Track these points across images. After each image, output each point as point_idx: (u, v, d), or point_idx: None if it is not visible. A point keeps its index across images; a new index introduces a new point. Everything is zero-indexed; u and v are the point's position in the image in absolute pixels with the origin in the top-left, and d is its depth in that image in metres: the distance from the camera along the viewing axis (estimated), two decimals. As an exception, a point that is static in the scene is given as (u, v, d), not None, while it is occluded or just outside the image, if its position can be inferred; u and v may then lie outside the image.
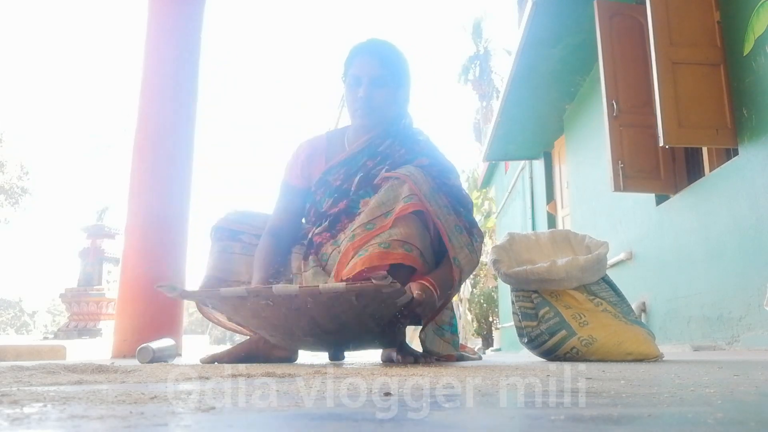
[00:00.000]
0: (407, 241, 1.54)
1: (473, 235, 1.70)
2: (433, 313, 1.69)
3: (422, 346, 1.78)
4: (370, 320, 1.43)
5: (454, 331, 1.86)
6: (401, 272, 1.60)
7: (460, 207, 1.71)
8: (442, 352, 1.79)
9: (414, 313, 1.51)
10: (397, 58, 1.85)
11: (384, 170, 1.73)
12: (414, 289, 1.49)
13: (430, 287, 1.53)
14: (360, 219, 1.61)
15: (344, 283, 1.33)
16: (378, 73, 1.79)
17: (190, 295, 1.51)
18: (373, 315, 1.41)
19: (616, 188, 3.79)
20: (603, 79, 3.85)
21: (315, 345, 1.67)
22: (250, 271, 1.79)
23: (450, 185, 1.73)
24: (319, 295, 1.31)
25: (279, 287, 1.36)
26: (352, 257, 1.54)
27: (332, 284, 1.33)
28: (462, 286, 1.80)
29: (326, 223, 1.80)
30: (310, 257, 1.78)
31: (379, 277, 1.29)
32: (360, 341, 1.68)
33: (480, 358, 2.21)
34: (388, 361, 1.73)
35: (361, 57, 1.82)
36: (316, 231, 1.81)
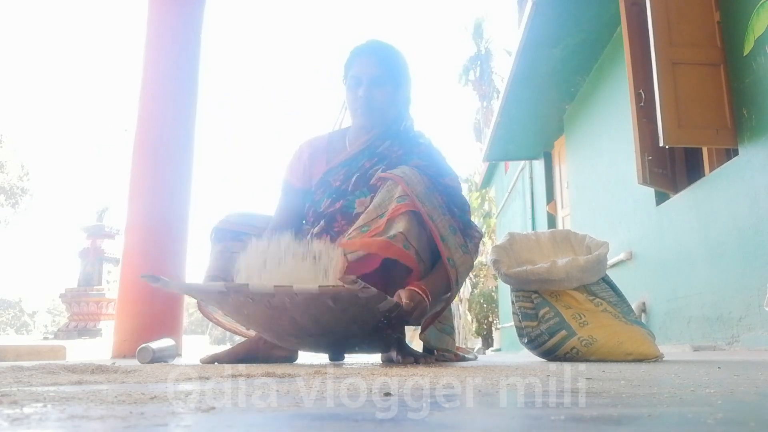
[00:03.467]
0: (407, 237, 1.54)
1: (468, 236, 1.70)
2: (427, 319, 1.68)
3: (425, 344, 1.78)
4: (353, 325, 1.39)
5: (452, 331, 1.88)
6: (397, 271, 1.60)
7: (455, 207, 1.71)
8: (451, 348, 1.80)
9: (404, 321, 1.48)
10: (397, 58, 1.85)
11: (380, 170, 1.73)
12: (403, 297, 1.46)
13: (421, 293, 1.50)
14: (357, 223, 1.62)
15: (318, 285, 1.30)
16: (377, 73, 1.79)
17: (170, 286, 1.48)
18: (355, 320, 1.37)
19: (643, 181, 3.67)
20: (630, 68, 3.73)
21: (302, 345, 1.64)
22: None
23: (445, 185, 1.73)
24: (295, 295, 1.29)
25: (255, 284, 1.33)
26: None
27: (306, 286, 1.30)
28: (461, 287, 1.79)
29: (323, 222, 1.80)
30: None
31: (349, 280, 1.26)
32: (347, 345, 1.65)
33: (476, 358, 2.21)
34: (388, 361, 1.72)
35: (361, 58, 1.83)
36: (315, 232, 1.81)
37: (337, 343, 1.56)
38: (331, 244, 1.53)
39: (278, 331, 1.46)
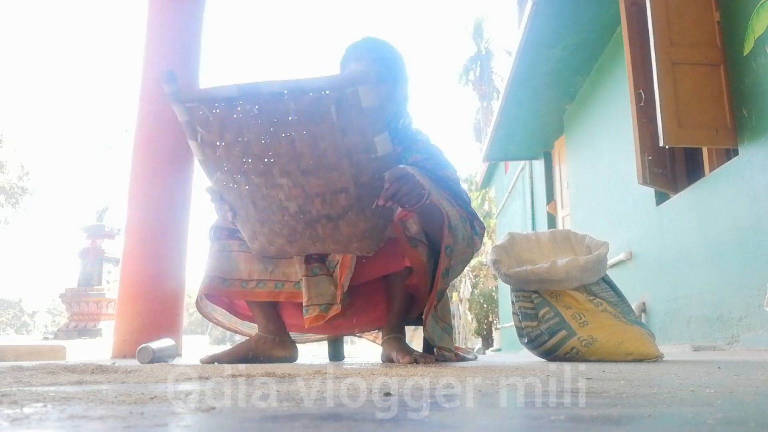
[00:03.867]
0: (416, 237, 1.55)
1: (475, 227, 1.75)
2: (429, 300, 1.69)
3: (428, 339, 1.78)
4: (347, 162, 1.34)
5: (451, 331, 1.89)
6: (399, 274, 1.62)
7: (459, 200, 1.75)
8: (451, 347, 1.81)
9: (395, 192, 1.41)
10: (393, 55, 1.85)
11: None
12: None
13: (417, 177, 1.48)
14: None
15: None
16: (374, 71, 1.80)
17: (183, 93, 1.34)
18: (350, 153, 1.33)
19: (643, 181, 3.68)
20: (630, 68, 3.72)
21: (289, 200, 1.43)
22: (249, 267, 1.79)
23: (446, 177, 1.75)
24: (302, 94, 1.27)
25: (264, 83, 1.30)
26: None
27: (314, 77, 1.29)
28: (462, 286, 1.80)
29: None
30: (316, 264, 1.74)
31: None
32: (335, 201, 1.43)
33: (476, 358, 2.21)
34: (388, 361, 1.72)
35: (356, 55, 1.82)
36: None
37: (328, 193, 1.41)
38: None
39: (272, 169, 1.37)
